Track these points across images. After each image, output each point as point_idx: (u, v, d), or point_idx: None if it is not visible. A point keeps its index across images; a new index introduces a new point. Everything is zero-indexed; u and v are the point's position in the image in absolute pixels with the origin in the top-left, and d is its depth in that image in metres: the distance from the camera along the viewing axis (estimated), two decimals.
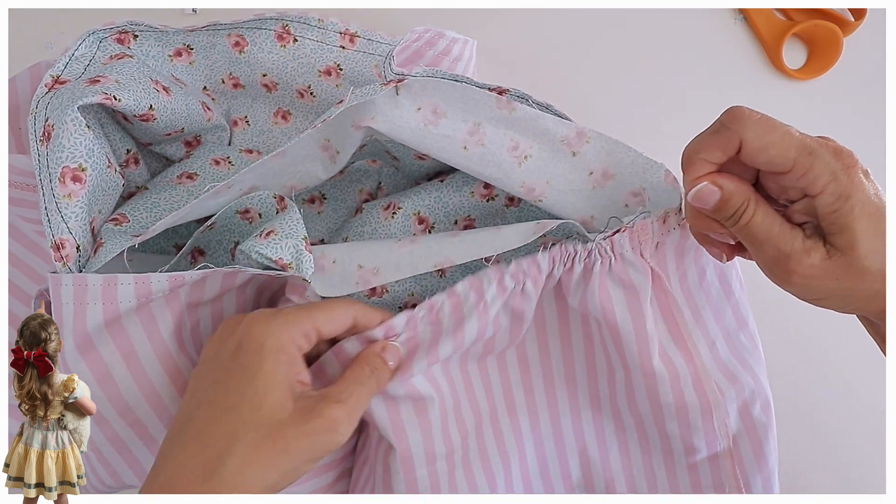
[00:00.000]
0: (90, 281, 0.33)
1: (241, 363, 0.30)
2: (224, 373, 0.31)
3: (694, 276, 0.39)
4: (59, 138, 0.34)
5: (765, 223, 0.32)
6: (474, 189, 0.44)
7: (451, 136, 0.37)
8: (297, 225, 0.38)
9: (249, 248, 0.37)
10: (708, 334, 0.39)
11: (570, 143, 0.37)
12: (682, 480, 0.41)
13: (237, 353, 0.31)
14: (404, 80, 0.36)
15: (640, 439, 0.41)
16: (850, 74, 0.51)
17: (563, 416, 0.42)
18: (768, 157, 0.30)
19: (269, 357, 0.30)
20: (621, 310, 0.37)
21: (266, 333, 0.31)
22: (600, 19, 0.51)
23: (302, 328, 0.32)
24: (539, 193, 0.38)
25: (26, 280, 0.44)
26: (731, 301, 0.40)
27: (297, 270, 0.36)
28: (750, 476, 0.40)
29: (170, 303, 0.35)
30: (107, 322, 0.34)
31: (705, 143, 0.32)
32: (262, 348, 0.30)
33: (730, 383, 0.39)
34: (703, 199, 0.32)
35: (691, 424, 0.39)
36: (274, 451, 0.29)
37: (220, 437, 0.29)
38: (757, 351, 0.41)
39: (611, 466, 0.42)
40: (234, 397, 0.30)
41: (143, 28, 0.41)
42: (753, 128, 0.30)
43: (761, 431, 0.40)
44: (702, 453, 0.40)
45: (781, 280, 0.32)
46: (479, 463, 0.39)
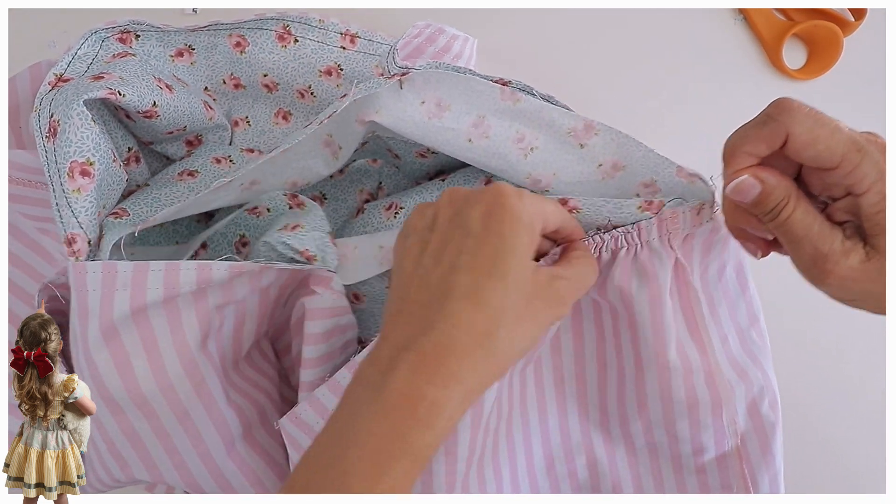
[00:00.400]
0: (121, 267, 0.34)
1: (498, 232, 0.30)
2: (477, 240, 0.30)
3: (714, 271, 0.38)
4: (66, 133, 0.34)
5: (804, 221, 0.30)
6: (476, 187, 0.44)
7: (455, 129, 0.37)
8: (322, 221, 0.39)
9: (276, 239, 0.37)
10: (721, 329, 0.39)
11: (577, 134, 0.37)
12: (690, 483, 0.41)
13: (489, 221, 0.30)
14: (408, 73, 0.36)
15: (648, 444, 0.41)
16: (850, 74, 0.51)
17: (571, 416, 0.41)
18: (816, 153, 0.29)
19: (525, 232, 0.30)
20: (640, 299, 0.36)
21: (521, 207, 0.30)
22: (600, 19, 0.51)
23: (544, 210, 0.32)
24: (545, 185, 0.38)
25: (28, 279, 0.44)
26: (746, 297, 0.40)
27: (322, 262, 0.37)
28: (758, 475, 0.40)
29: (197, 301, 0.35)
30: (133, 311, 0.34)
31: (750, 135, 0.31)
32: (519, 221, 0.30)
33: (740, 379, 0.39)
34: (744, 192, 0.31)
35: (701, 421, 0.38)
36: (530, 321, 0.30)
37: (492, 304, 0.29)
38: (766, 348, 0.41)
39: (617, 467, 0.42)
40: (500, 267, 0.30)
41: (146, 27, 0.41)
42: (803, 121, 0.29)
43: (769, 429, 0.40)
44: (710, 453, 0.40)
45: (817, 280, 0.31)
46: (489, 458, 0.39)
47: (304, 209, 0.40)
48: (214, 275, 0.35)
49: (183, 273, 0.35)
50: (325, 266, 0.37)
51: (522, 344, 0.30)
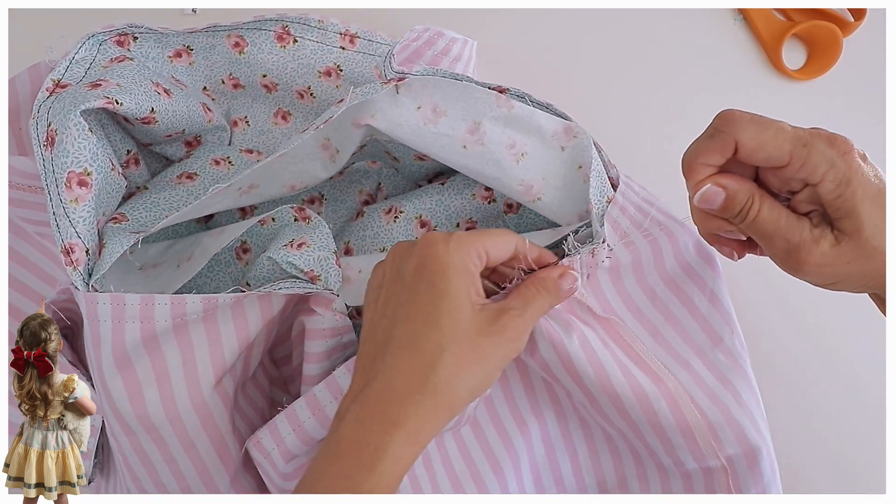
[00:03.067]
0: (128, 300, 0.34)
1: (429, 281, 0.32)
2: (412, 292, 0.32)
3: (641, 297, 0.39)
4: (64, 143, 0.35)
5: (771, 216, 0.32)
6: (475, 191, 0.44)
7: (450, 134, 0.37)
8: (328, 239, 0.39)
9: (281, 257, 0.37)
10: (678, 355, 0.39)
11: (558, 137, 0.38)
12: (676, 487, 0.41)
13: (421, 272, 0.32)
14: (405, 78, 0.36)
15: (630, 449, 0.41)
16: (850, 74, 0.51)
17: (551, 424, 0.42)
18: (765, 155, 0.31)
19: (455, 275, 0.32)
20: (569, 342, 0.36)
21: (447, 253, 0.32)
22: (600, 19, 0.51)
23: (476, 248, 0.33)
24: (537, 191, 0.38)
25: (34, 279, 0.44)
26: (698, 318, 0.40)
27: (325, 283, 0.38)
28: (744, 489, 0.39)
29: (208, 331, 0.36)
30: (144, 340, 0.35)
31: (702, 148, 0.33)
32: (447, 267, 0.32)
33: (712, 403, 0.38)
34: (709, 200, 0.33)
35: (673, 442, 0.38)
36: (475, 359, 0.31)
37: (427, 350, 0.31)
38: (739, 367, 0.39)
39: (602, 469, 0.42)
40: (433, 313, 0.31)
41: (143, 30, 0.41)
42: (746, 128, 0.31)
43: (755, 451, 0.38)
44: (691, 464, 0.39)
45: (794, 270, 0.33)
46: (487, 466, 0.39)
47: (310, 224, 0.41)
48: (220, 302, 0.36)
49: (189, 305, 0.35)
50: (327, 286, 0.38)
51: (470, 383, 0.32)
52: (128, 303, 0.34)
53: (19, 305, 0.44)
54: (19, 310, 0.44)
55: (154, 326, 0.35)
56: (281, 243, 0.39)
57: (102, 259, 0.35)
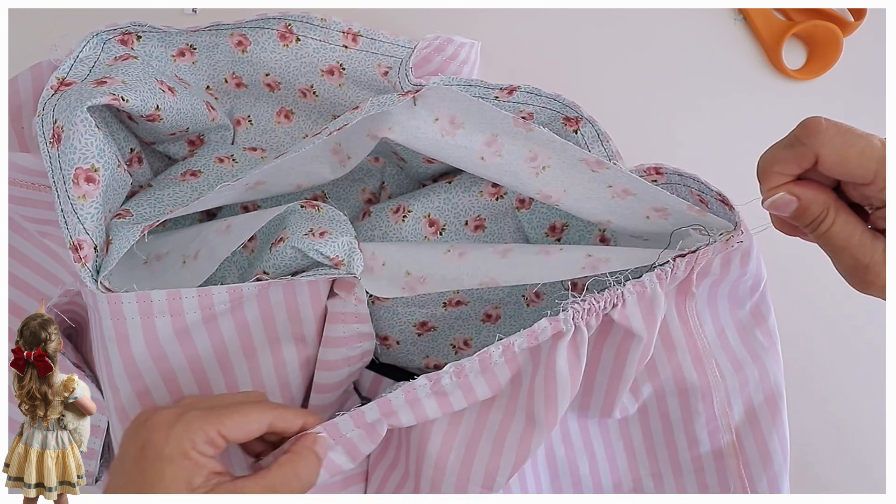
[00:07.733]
0: (154, 296, 0.34)
1: (143, 470, 0.31)
2: (128, 478, 0.31)
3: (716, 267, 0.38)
4: (71, 140, 0.34)
5: (844, 232, 0.31)
6: (483, 188, 0.44)
7: (468, 146, 0.37)
8: (346, 225, 0.40)
9: (307, 246, 0.38)
10: (718, 320, 0.40)
11: (588, 163, 0.37)
12: (690, 483, 0.41)
13: (140, 459, 0.31)
14: (421, 90, 0.36)
15: (644, 437, 0.41)
16: (850, 74, 0.51)
17: (571, 422, 0.42)
18: (847, 171, 0.30)
19: (170, 465, 0.30)
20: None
21: (165, 441, 0.31)
22: (600, 19, 0.51)
23: (205, 435, 0.31)
24: (556, 200, 0.39)
25: (36, 277, 0.44)
26: (754, 299, 0.40)
27: (349, 267, 0.38)
28: (756, 476, 0.40)
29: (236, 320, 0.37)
30: (177, 332, 0.35)
31: (779, 157, 0.31)
32: (160, 456, 0.30)
33: (735, 371, 0.40)
34: (780, 208, 0.32)
35: (692, 407, 0.39)
36: None
37: None
38: (773, 349, 0.41)
39: (618, 468, 0.42)
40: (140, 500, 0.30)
41: (147, 29, 0.41)
42: (830, 142, 0.29)
43: (765, 427, 0.40)
44: (705, 446, 0.40)
45: (860, 287, 0.31)
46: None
47: (320, 211, 0.41)
48: (245, 293, 0.36)
49: (216, 296, 0.36)
50: (350, 271, 0.38)
51: None
52: (154, 298, 0.34)
53: (20, 304, 0.44)
54: (20, 308, 0.44)
55: (184, 319, 0.35)
56: (301, 232, 0.39)
57: (110, 255, 0.35)
